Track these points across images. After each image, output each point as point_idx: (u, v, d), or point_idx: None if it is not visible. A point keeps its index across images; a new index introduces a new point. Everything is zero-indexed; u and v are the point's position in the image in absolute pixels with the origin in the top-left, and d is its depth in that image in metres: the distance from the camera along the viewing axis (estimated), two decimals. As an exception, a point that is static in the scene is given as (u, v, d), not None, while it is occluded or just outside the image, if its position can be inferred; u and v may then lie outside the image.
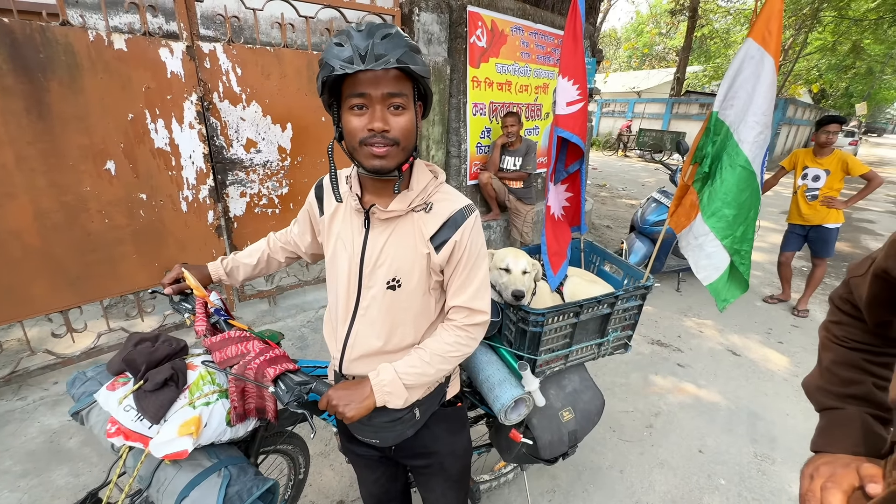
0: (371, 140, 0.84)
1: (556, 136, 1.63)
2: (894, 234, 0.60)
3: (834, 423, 0.68)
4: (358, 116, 0.84)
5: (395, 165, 0.90)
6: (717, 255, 1.54)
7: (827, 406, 0.71)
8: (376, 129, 0.83)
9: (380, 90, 0.82)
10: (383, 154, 0.86)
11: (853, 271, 0.71)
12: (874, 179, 3.39)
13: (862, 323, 0.70)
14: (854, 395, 0.68)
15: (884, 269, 0.62)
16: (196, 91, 2.43)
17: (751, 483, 2.13)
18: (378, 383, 0.98)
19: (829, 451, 0.64)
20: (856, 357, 0.70)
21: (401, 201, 0.95)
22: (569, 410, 1.56)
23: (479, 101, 3.76)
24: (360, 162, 0.89)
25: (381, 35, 0.79)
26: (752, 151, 1.45)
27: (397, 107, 0.85)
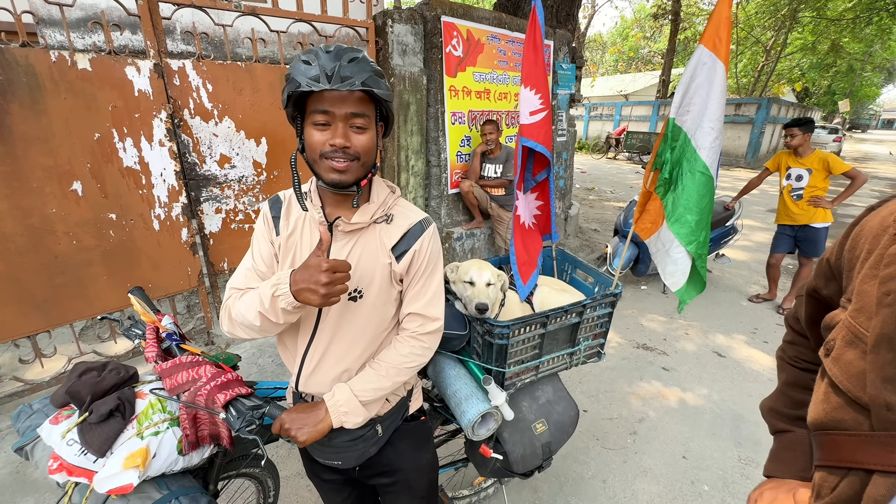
0: (332, 154, 0.86)
1: (522, 145, 1.62)
2: (823, 254, 0.60)
3: (783, 447, 0.67)
4: (320, 131, 0.86)
5: (353, 180, 0.91)
6: (683, 261, 1.54)
7: (779, 429, 0.70)
8: (337, 145, 0.85)
9: (343, 109, 0.85)
10: (343, 168, 0.87)
11: (799, 291, 0.71)
12: (857, 177, 3.43)
13: (810, 342, 0.70)
14: (803, 416, 0.66)
15: (814, 288, 0.61)
16: (165, 108, 2.41)
17: (734, 488, 2.11)
18: (333, 404, 0.97)
19: (778, 475, 0.63)
20: (805, 378, 0.69)
21: (363, 213, 0.97)
22: (542, 422, 1.54)
23: (458, 109, 3.77)
24: (320, 174, 0.90)
25: (349, 58, 0.83)
26: (709, 157, 1.46)
27: (359, 126, 0.88)
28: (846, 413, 0.42)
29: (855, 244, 0.48)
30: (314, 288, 0.84)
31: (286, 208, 1.01)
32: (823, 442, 0.45)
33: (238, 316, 0.94)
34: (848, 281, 0.48)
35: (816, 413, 0.46)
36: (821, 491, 0.44)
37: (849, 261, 0.49)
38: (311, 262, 0.86)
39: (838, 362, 0.43)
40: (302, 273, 0.86)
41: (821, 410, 0.45)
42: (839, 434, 0.42)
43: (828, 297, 0.58)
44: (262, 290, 0.91)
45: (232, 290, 1.02)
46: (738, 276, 4.88)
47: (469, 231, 4.01)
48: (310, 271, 0.85)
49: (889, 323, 0.38)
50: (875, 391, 0.39)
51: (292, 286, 0.86)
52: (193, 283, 2.75)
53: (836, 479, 0.43)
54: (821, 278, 0.59)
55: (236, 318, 0.95)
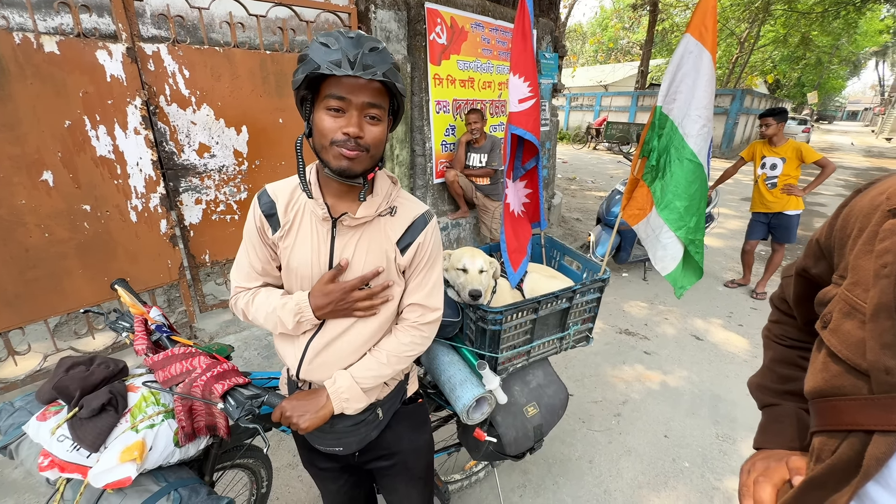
0: (343, 143, 0.84)
1: (511, 133, 1.63)
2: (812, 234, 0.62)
3: (771, 420, 0.70)
4: (333, 118, 0.84)
5: (361, 170, 0.90)
6: (673, 246, 1.59)
7: (767, 403, 0.73)
8: (351, 134, 0.84)
9: (361, 98, 0.83)
10: (353, 157, 0.86)
11: (785, 271, 0.74)
12: (827, 166, 3.57)
13: (796, 321, 0.73)
14: (790, 391, 0.71)
15: (803, 267, 0.64)
16: (140, 95, 2.32)
17: (713, 464, 2.21)
18: (335, 391, 0.97)
19: (768, 447, 0.66)
20: (792, 354, 0.72)
21: (368, 207, 0.96)
22: (533, 405, 1.57)
23: (442, 98, 3.74)
24: (328, 161, 0.88)
25: (370, 47, 0.82)
26: (697, 144, 1.50)
27: (374, 117, 0.87)
28: (845, 380, 0.44)
29: (846, 224, 0.51)
30: (340, 308, 0.95)
31: (283, 203, 0.97)
32: (823, 409, 0.47)
33: (255, 320, 1.01)
34: (839, 258, 0.51)
35: (815, 382, 0.48)
36: (821, 454, 0.47)
37: (840, 239, 0.51)
38: (331, 287, 0.94)
39: (836, 333, 0.46)
40: (323, 299, 0.94)
41: (820, 379, 0.48)
42: (839, 400, 0.45)
43: (817, 276, 0.60)
44: (283, 315, 0.96)
45: (238, 289, 1.04)
46: (714, 263, 5.05)
47: (455, 221, 4.01)
48: (331, 296, 0.94)
49: (886, 293, 0.41)
50: (874, 357, 0.41)
51: (316, 311, 0.94)
52: (174, 276, 2.68)
53: (836, 442, 0.45)
54: (810, 258, 0.61)
55: (254, 320, 1.02)
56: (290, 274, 0.99)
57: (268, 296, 1.00)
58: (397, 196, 1.02)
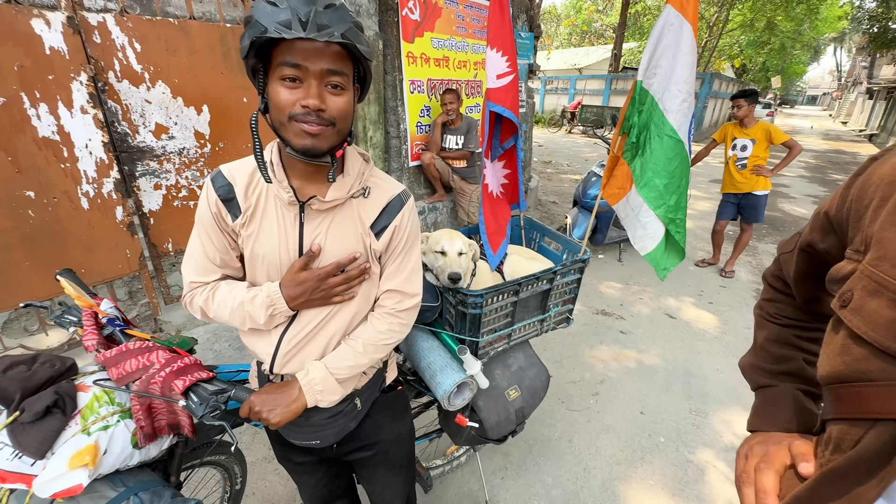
0: (303, 117, 0.75)
1: (489, 110, 1.57)
2: (818, 207, 0.59)
3: (767, 401, 0.68)
4: (290, 89, 0.75)
5: (327, 147, 0.81)
6: (652, 225, 1.57)
7: (761, 384, 0.70)
8: (311, 107, 0.74)
9: (319, 65, 0.74)
10: (316, 132, 0.77)
11: (782, 248, 0.70)
12: (794, 147, 3.66)
13: (792, 299, 0.70)
14: (786, 371, 0.69)
15: (808, 242, 0.60)
16: (85, 70, 2.12)
17: (687, 438, 2.28)
18: (308, 383, 0.91)
19: (763, 429, 0.64)
20: (787, 333, 0.70)
21: (339, 189, 0.87)
22: (515, 389, 1.55)
23: (417, 77, 3.63)
24: (288, 139, 0.79)
25: (325, 3, 0.71)
26: (677, 120, 1.47)
27: (336, 86, 0.77)
28: (872, 364, 0.41)
29: (862, 194, 0.47)
30: (316, 297, 0.89)
31: (242, 186, 0.87)
32: (843, 395, 0.44)
33: (218, 317, 0.91)
34: (855, 232, 0.47)
35: (833, 366, 0.45)
36: (840, 444, 0.44)
37: (856, 211, 0.48)
38: (304, 276, 0.87)
39: (860, 313, 0.42)
40: (296, 288, 0.87)
41: (839, 363, 0.44)
42: (864, 386, 0.42)
43: (824, 251, 0.57)
44: (253, 309, 0.87)
45: (193, 284, 0.93)
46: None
47: (431, 205, 3.94)
48: (305, 285, 0.87)
49: None
50: None
51: (290, 302, 0.87)
52: (134, 267, 2.52)
53: (859, 432, 0.42)
54: (817, 232, 0.58)
55: (216, 318, 0.92)
56: (256, 263, 0.91)
57: (231, 290, 0.90)
58: (370, 175, 0.94)
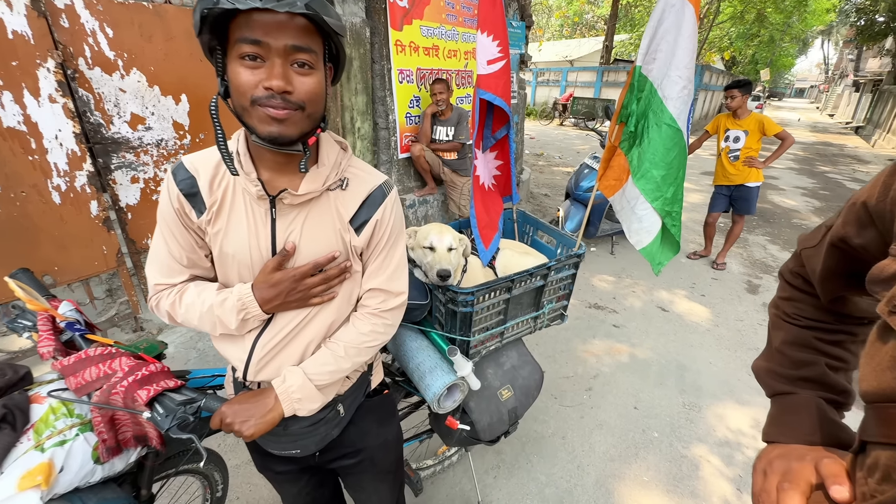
0: (267, 100, 0.67)
1: (479, 98, 1.50)
2: (851, 197, 0.53)
3: (786, 410, 0.62)
4: (250, 69, 0.67)
5: (297, 135, 0.73)
6: (649, 218, 1.51)
7: (778, 391, 0.64)
8: (274, 89, 0.66)
9: (282, 40, 0.65)
10: (283, 118, 0.69)
11: (805, 242, 0.64)
12: (787, 139, 3.64)
13: (814, 298, 0.64)
14: (806, 377, 0.63)
15: (841, 237, 0.54)
16: (53, 56, 2.00)
17: (681, 432, 2.26)
18: (285, 390, 0.84)
19: (782, 440, 0.58)
20: (808, 336, 0.64)
21: (314, 180, 0.80)
22: (507, 388, 1.50)
23: (405, 67, 3.53)
24: (253, 127, 0.71)
25: None
26: (676, 108, 1.41)
27: (303, 64, 0.69)
28: None
29: None
30: (292, 300, 0.82)
31: (206, 180, 0.79)
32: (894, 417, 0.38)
33: (187, 322, 0.85)
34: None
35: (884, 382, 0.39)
36: (892, 474, 0.38)
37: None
38: (278, 276, 0.80)
39: None
40: (270, 290, 0.80)
41: (891, 379, 0.38)
42: None
43: (860, 247, 0.51)
44: (223, 314, 0.81)
45: (158, 287, 0.85)
46: (677, 236, 5.16)
47: (422, 198, 3.87)
48: (280, 287, 0.80)
49: None
50: None
51: (264, 305, 0.80)
52: (112, 264, 2.42)
53: None
54: (852, 226, 0.52)
55: (184, 323, 0.85)
56: (226, 263, 0.83)
57: (199, 292, 0.83)
58: (348, 165, 0.87)
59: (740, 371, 2.78)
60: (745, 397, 2.54)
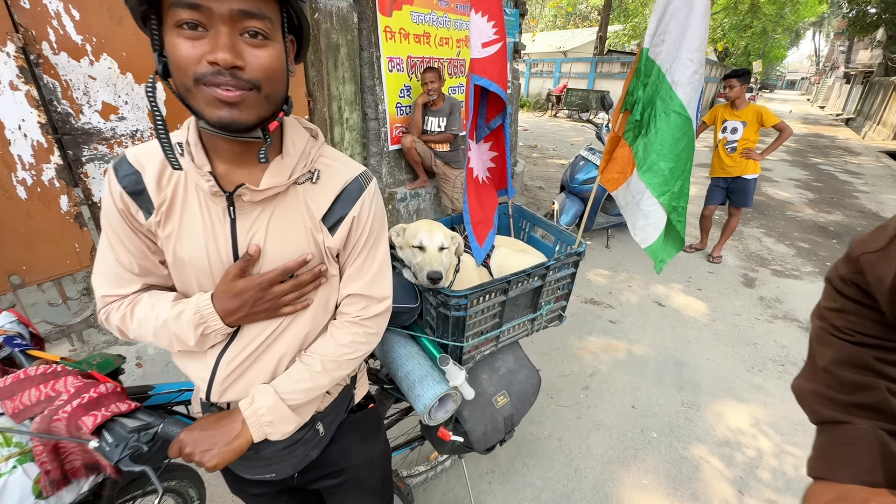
0: (213, 78, 0.56)
1: (473, 84, 1.39)
2: None
3: (839, 442, 0.53)
4: (190, 40, 0.56)
5: (254, 119, 0.62)
6: (655, 214, 1.42)
7: (828, 418, 0.55)
8: (220, 63, 0.55)
9: (226, 3, 0.55)
10: (235, 99, 0.58)
11: (864, 246, 0.54)
12: (785, 130, 3.57)
13: (873, 311, 0.54)
14: (863, 404, 0.54)
15: None
16: (13, 39, 1.85)
17: (680, 432, 2.20)
18: (253, 413, 0.74)
19: (835, 479, 0.49)
20: (865, 355, 0.54)
21: (278, 173, 0.69)
22: (503, 394, 1.42)
23: (395, 54, 3.39)
24: (199, 111, 0.60)
25: None
26: (686, 94, 1.31)
27: (255, 34, 0.58)
28: None
29: None
30: (259, 310, 0.72)
31: (153, 175, 0.68)
32: None
33: (141, 337, 0.75)
34: None
35: None
36: None
37: None
38: (242, 285, 0.69)
39: None
40: (233, 301, 0.70)
41: None
42: None
43: None
44: (179, 329, 0.70)
45: (107, 298, 0.74)
46: (672, 229, 5.10)
47: (413, 191, 3.75)
48: (244, 296, 0.69)
49: None
50: None
51: (226, 318, 0.70)
52: (85, 262, 2.29)
53: None
54: None
55: (138, 339, 0.75)
56: (182, 271, 0.73)
57: (154, 304, 0.73)
58: (319, 155, 0.76)
59: (738, 367, 2.73)
60: (744, 395, 2.49)
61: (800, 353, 2.90)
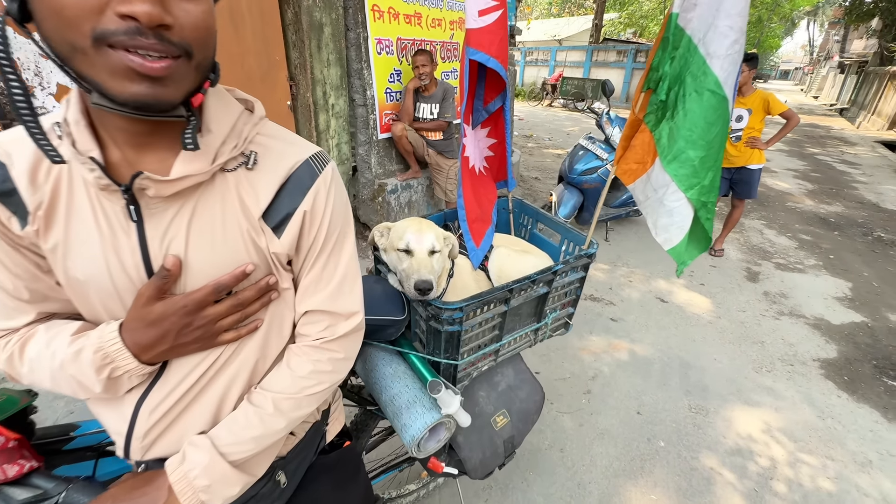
0: (131, 41, 0.40)
1: (468, 58, 1.20)
2: None
3: None
4: None
5: (181, 97, 0.46)
6: (681, 212, 1.23)
7: None
8: (142, 19, 0.39)
9: None
10: (161, 72, 0.41)
11: None
12: (792, 118, 3.41)
13: None
14: None
15: None
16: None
17: (688, 440, 2.07)
18: (183, 476, 0.56)
19: None
20: None
21: (195, 157, 0.51)
22: (503, 414, 1.26)
23: (384, 36, 3.16)
24: (99, 84, 0.42)
25: None
26: (724, 69, 1.11)
27: None
28: None
29: None
30: (186, 342, 0.54)
31: (24, 168, 0.50)
32: None
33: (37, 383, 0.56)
34: None
35: None
36: None
37: None
38: (160, 310, 0.51)
39: None
40: (149, 331, 0.52)
41: None
42: None
43: None
44: (79, 372, 0.52)
45: None
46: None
47: (405, 182, 3.55)
48: (164, 325, 0.52)
49: None
50: None
51: (141, 354, 0.52)
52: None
53: None
54: None
55: (33, 385, 0.57)
56: (81, 293, 0.55)
57: (50, 339, 0.55)
58: (257, 133, 0.58)
59: (746, 368, 2.60)
60: (754, 398, 2.36)
61: (808, 352, 2.79)
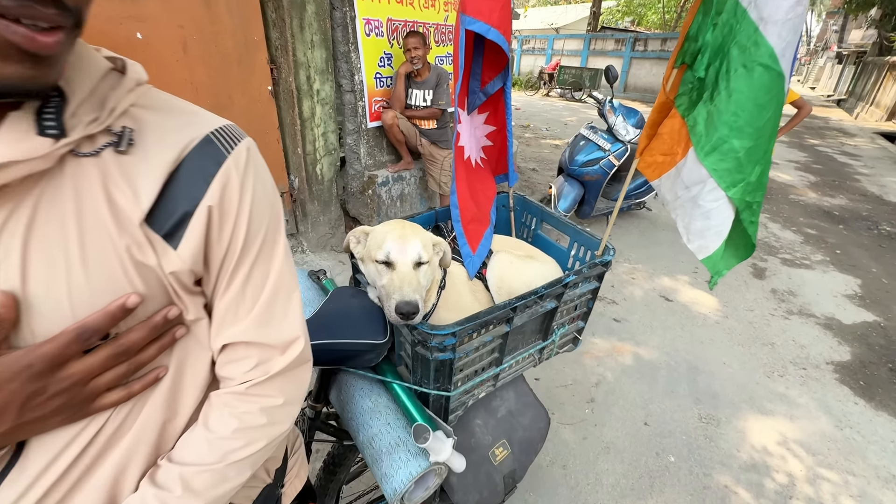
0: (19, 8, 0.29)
1: (464, 29, 1.00)
2: None
3: None
4: None
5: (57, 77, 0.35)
6: (719, 214, 1.03)
7: None
8: None
9: None
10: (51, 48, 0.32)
11: None
12: (804, 107, 3.24)
13: None
14: None
15: None
16: None
17: (700, 454, 1.92)
18: None
19: None
20: None
21: (26, 133, 0.34)
22: (502, 445, 1.09)
23: (373, 16, 2.93)
24: None
25: None
26: (781, 38, 0.90)
27: None
28: None
29: None
30: (43, 413, 0.37)
31: None
32: None
33: None
34: None
35: None
36: None
37: None
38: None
39: None
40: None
41: None
42: None
43: None
44: None
45: None
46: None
47: (396, 174, 3.35)
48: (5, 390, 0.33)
49: None
50: None
51: None
52: None
53: None
54: None
55: None
56: None
57: None
58: (128, 100, 0.40)
59: (757, 372, 2.46)
60: (767, 405, 2.22)
61: (821, 354, 2.65)
